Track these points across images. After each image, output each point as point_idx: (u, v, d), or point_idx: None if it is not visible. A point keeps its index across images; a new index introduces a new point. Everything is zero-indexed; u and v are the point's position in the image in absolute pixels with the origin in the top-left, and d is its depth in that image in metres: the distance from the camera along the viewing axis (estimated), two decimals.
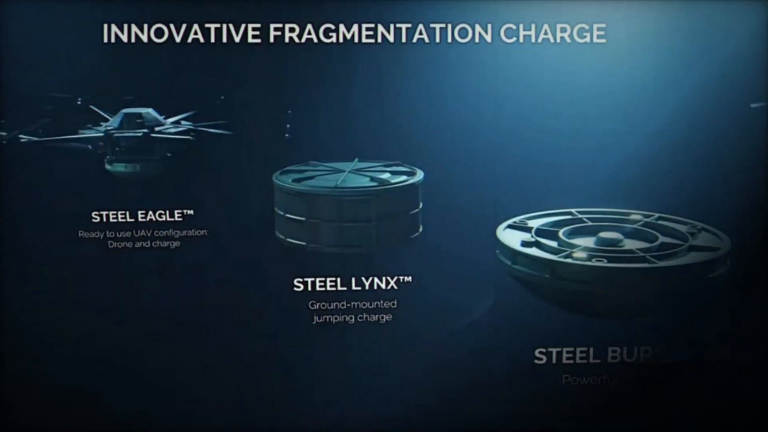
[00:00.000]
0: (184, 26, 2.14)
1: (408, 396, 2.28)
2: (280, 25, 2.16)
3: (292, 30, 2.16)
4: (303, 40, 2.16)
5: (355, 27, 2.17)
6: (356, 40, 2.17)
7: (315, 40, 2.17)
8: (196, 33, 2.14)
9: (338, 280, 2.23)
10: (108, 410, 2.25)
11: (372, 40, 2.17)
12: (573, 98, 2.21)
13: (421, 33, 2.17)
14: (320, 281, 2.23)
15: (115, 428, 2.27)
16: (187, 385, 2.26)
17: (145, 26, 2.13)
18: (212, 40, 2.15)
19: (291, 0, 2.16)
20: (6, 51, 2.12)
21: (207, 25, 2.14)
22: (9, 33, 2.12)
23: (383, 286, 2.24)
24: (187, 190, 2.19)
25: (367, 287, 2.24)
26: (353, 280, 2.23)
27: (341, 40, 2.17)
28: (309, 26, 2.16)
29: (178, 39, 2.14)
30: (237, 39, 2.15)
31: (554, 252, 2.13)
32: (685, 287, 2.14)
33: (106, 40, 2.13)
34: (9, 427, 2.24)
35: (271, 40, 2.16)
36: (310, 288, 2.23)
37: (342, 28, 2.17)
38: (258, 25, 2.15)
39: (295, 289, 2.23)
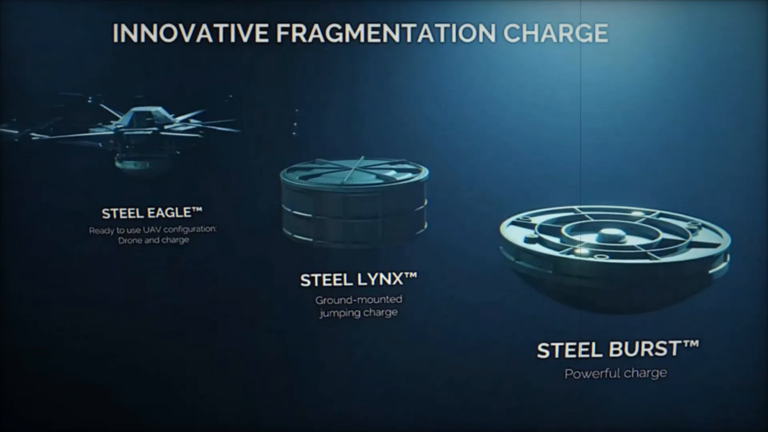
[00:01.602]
0: (193, 26, 2.17)
1: (413, 389, 2.31)
2: (288, 25, 2.19)
3: (299, 30, 2.19)
4: (310, 40, 2.19)
5: (361, 27, 2.19)
6: (362, 39, 2.20)
7: (322, 40, 2.19)
8: (204, 33, 2.17)
9: (344, 276, 2.26)
10: (117, 404, 2.28)
11: (378, 40, 2.20)
12: (575, 97, 2.24)
13: (426, 33, 2.20)
14: (327, 277, 2.26)
15: (124, 421, 2.29)
16: (195, 378, 2.29)
17: (155, 26, 2.16)
18: (221, 39, 2.18)
19: (298, 0, 2.18)
20: (18, 51, 2.15)
21: (216, 25, 2.17)
22: (20, 33, 2.15)
23: (389, 281, 2.27)
24: (195, 187, 2.22)
25: (372, 283, 2.27)
26: (359, 275, 2.26)
27: (347, 39, 2.20)
28: (316, 26, 2.19)
29: (187, 39, 2.17)
30: (245, 39, 2.18)
31: (557, 248, 2.15)
32: (686, 283, 2.16)
33: (116, 39, 2.16)
34: (20, 419, 2.27)
35: (279, 39, 2.19)
36: (316, 284, 2.26)
37: (348, 28, 2.19)
38: (266, 25, 2.18)
39: (302, 284, 2.26)
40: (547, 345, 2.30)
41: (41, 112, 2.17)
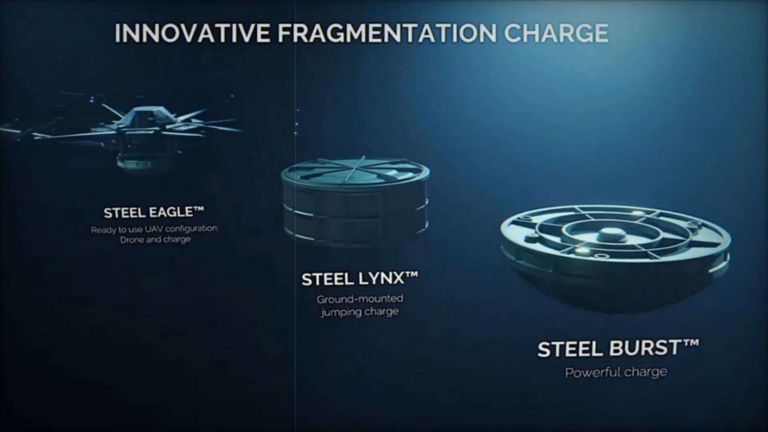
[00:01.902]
0: (194, 26, 2.17)
1: (414, 389, 2.31)
2: (289, 25, 2.19)
3: (300, 30, 2.19)
4: (311, 40, 2.20)
5: (362, 27, 2.20)
6: (363, 39, 2.21)
7: (323, 40, 2.20)
8: (206, 33, 2.18)
9: (346, 275, 2.26)
10: (117, 404, 2.28)
11: (379, 40, 2.21)
12: (576, 97, 2.25)
13: (427, 33, 2.21)
14: (328, 276, 2.26)
15: (124, 421, 2.29)
16: (195, 378, 2.29)
17: (157, 26, 2.17)
18: (222, 39, 2.18)
19: (299, 0, 2.19)
20: (18, 51, 2.15)
21: (217, 25, 2.18)
22: (21, 33, 2.15)
23: (390, 281, 2.27)
24: (197, 186, 2.23)
25: (374, 282, 2.27)
26: (360, 275, 2.26)
27: (349, 39, 2.20)
28: (317, 26, 2.19)
29: (188, 39, 2.18)
30: (246, 39, 2.18)
31: (557, 248, 2.16)
32: (686, 282, 2.17)
33: (118, 39, 2.17)
34: (20, 419, 2.26)
35: (280, 39, 2.19)
36: (318, 283, 2.26)
37: (349, 27, 2.20)
38: (267, 25, 2.19)
39: (304, 284, 2.26)
40: (547, 344, 2.31)
41: (43, 112, 2.17)
